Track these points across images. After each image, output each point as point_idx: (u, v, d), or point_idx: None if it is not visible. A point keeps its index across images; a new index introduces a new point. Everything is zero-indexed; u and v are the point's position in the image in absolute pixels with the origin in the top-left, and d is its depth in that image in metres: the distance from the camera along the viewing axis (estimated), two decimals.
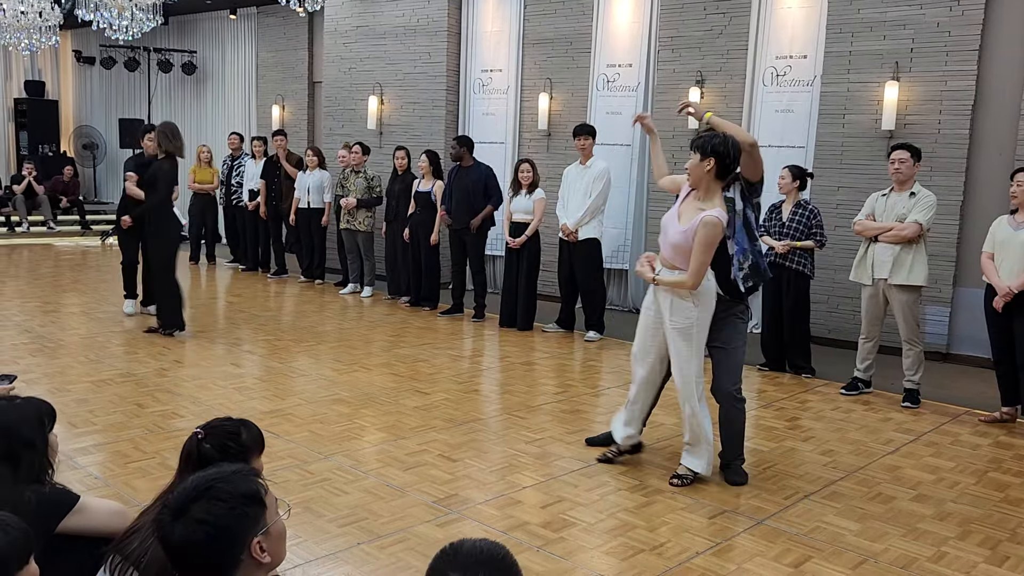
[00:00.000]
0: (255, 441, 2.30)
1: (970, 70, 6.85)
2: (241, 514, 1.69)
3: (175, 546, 1.65)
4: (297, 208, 9.89)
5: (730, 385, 4.23)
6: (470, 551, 1.44)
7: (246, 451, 2.24)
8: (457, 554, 1.44)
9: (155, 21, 9.27)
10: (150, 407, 5.02)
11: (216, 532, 1.65)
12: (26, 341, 6.54)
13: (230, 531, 1.66)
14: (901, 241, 5.63)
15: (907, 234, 5.59)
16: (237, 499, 1.69)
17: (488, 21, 9.91)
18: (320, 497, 3.79)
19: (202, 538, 1.64)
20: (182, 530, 1.64)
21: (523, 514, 3.71)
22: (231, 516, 1.67)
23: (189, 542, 1.64)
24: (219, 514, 1.66)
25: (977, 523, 3.82)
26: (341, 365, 6.25)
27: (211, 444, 2.19)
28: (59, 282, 9.37)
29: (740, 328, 4.26)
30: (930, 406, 5.75)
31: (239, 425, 2.29)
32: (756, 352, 6.80)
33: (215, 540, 1.65)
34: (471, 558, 1.43)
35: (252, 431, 2.31)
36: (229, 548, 1.67)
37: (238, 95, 13.55)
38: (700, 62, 8.23)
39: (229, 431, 2.25)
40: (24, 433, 2.28)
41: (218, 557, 1.66)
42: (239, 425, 2.29)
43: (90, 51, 15.55)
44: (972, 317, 6.59)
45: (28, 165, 13.65)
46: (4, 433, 2.25)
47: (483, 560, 1.43)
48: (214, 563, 1.66)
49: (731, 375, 4.24)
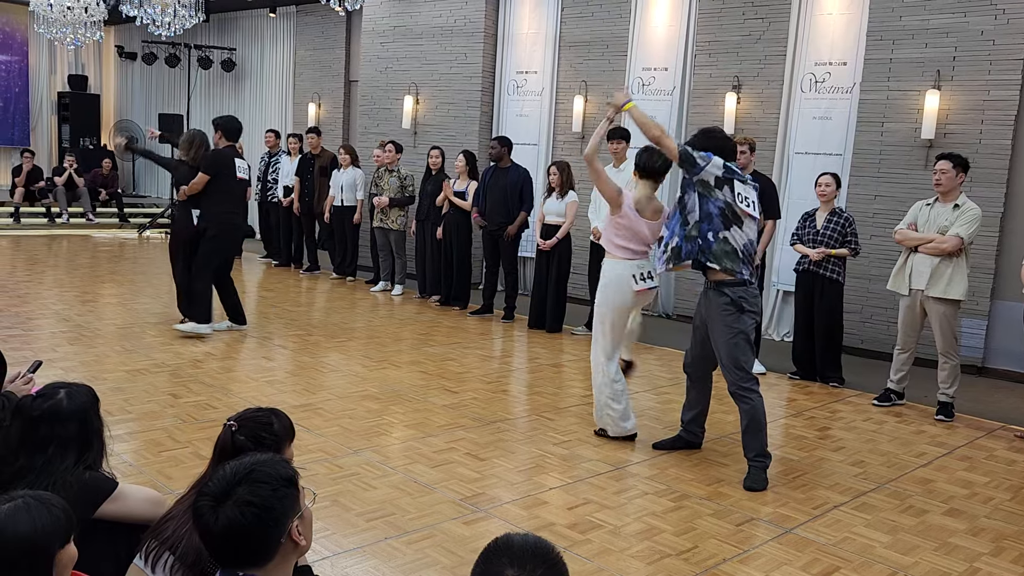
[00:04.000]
0: (287, 430, 2.33)
1: (1014, 80, 6.73)
2: (284, 495, 1.73)
3: (220, 530, 1.68)
4: (331, 205, 9.98)
5: (733, 381, 4.26)
6: (523, 545, 1.45)
7: (279, 440, 2.28)
8: (511, 548, 1.45)
9: (197, 18, 9.43)
10: (184, 397, 5.10)
11: (263, 513, 1.69)
12: (64, 330, 6.67)
13: (274, 512, 1.70)
14: (941, 254, 5.53)
15: (947, 247, 5.49)
16: (279, 481, 1.74)
17: (525, 23, 9.93)
18: (349, 491, 3.82)
19: (250, 520, 1.67)
20: (230, 513, 1.67)
21: (549, 515, 3.72)
22: (275, 498, 1.71)
23: (237, 524, 1.67)
24: (265, 495, 1.70)
25: (1011, 539, 3.75)
26: (371, 361, 6.29)
27: (245, 435, 2.22)
28: (96, 273, 9.54)
29: (728, 321, 4.24)
30: (964, 420, 5.66)
31: (270, 415, 2.32)
32: (787, 361, 6.74)
33: (261, 521, 1.68)
34: (526, 552, 1.44)
35: (283, 420, 2.34)
36: (274, 529, 1.71)
37: (275, 92, 13.70)
38: (737, 67, 8.18)
39: (262, 421, 2.28)
40: (93, 418, 2.34)
41: (262, 539, 1.70)
42: (270, 415, 2.32)
43: (132, 47, 15.82)
44: (1010, 330, 6.49)
45: (69, 158, 13.91)
46: (80, 417, 2.30)
47: (538, 554, 1.44)
48: (258, 546, 1.70)
49: (729, 372, 4.27)
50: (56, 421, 2.27)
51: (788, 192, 7.90)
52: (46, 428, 2.25)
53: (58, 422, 2.27)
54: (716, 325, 4.30)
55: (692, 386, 4.68)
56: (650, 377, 6.37)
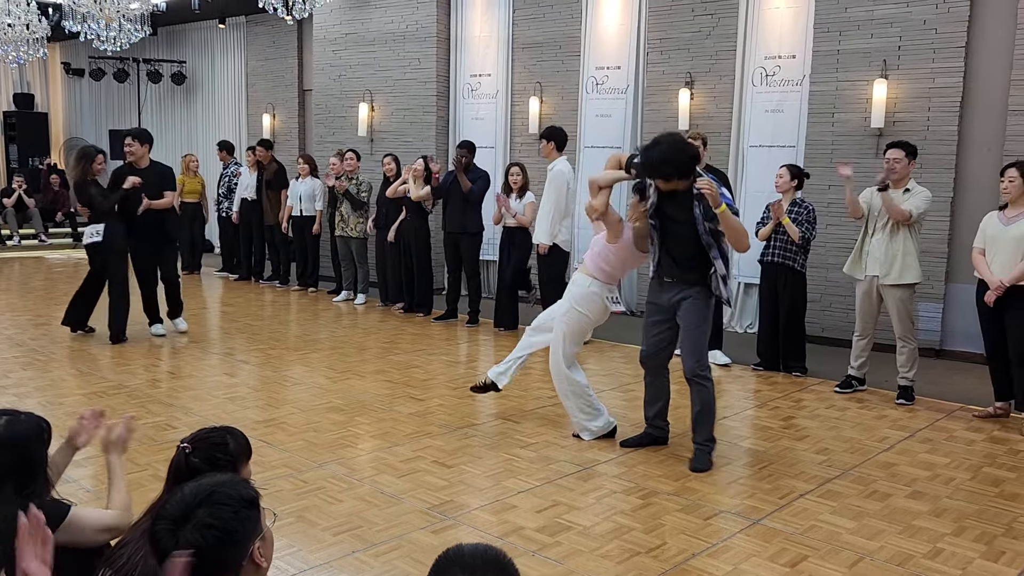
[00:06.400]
0: (243, 448, 2.27)
1: (957, 67, 6.87)
2: (245, 517, 1.69)
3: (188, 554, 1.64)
4: (290, 216, 9.88)
5: (692, 364, 4.38)
6: (473, 553, 1.46)
7: (235, 459, 2.21)
8: (462, 556, 1.46)
9: (143, 32, 9.25)
10: (143, 419, 5.00)
11: (224, 536, 1.65)
12: (17, 355, 6.51)
13: (236, 535, 1.67)
14: (891, 211, 5.56)
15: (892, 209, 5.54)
16: (240, 503, 1.70)
17: (476, 26, 9.92)
18: (314, 506, 3.77)
19: (212, 543, 1.63)
20: (190, 536, 1.63)
21: (519, 519, 3.70)
22: (236, 520, 1.67)
23: (197, 548, 1.63)
24: (226, 518, 1.66)
25: (973, 519, 3.82)
26: (335, 373, 6.23)
27: (199, 457, 2.15)
28: (51, 295, 9.33)
29: (699, 307, 4.36)
30: (924, 403, 5.76)
31: (225, 434, 2.25)
32: (750, 352, 6.81)
33: (223, 544, 1.65)
34: (476, 559, 1.45)
35: (239, 439, 2.27)
36: (235, 552, 1.67)
37: (228, 104, 13.53)
38: (689, 63, 8.24)
39: (216, 442, 2.21)
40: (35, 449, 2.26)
41: (224, 562, 1.66)
42: (225, 434, 2.25)
43: (79, 63, 15.51)
44: (965, 313, 6.61)
45: (18, 178, 13.61)
46: (17, 446, 2.22)
47: (489, 560, 1.45)
48: (219, 569, 1.65)
49: (692, 358, 4.38)
50: None
51: (744, 186, 7.98)
52: None
53: None
54: (682, 309, 4.39)
55: (652, 381, 4.70)
56: (616, 375, 6.39)
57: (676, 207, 4.34)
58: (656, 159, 4.16)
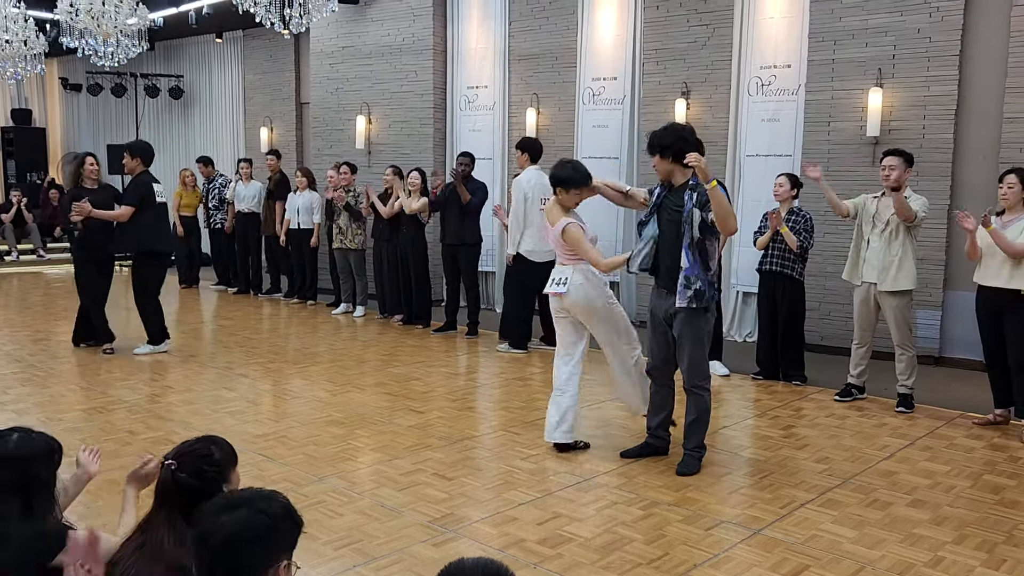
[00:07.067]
0: (229, 457, 2.23)
1: (952, 75, 6.91)
2: (290, 527, 1.74)
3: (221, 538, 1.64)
4: (287, 229, 9.89)
5: (691, 377, 4.46)
6: (474, 567, 1.49)
7: (222, 468, 2.18)
8: (463, 570, 1.48)
9: (141, 47, 9.27)
10: (142, 434, 4.99)
11: (271, 527, 1.68)
12: (16, 371, 6.50)
13: (278, 533, 1.70)
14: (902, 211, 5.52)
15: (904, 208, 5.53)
16: (290, 514, 1.75)
17: (473, 38, 9.96)
18: (315, 520, 3.76)
19: (259, 528, 1.66)
20: (241, 516, 1.65)
21: (519, 531, 3.70)
22: (284, 522, 1.72)
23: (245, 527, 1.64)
24: (275, 514, 1.71)
25: (973, 527, 3.82)
26: (334, 386, 6.23)
27: (186, 472, 2.12)
28: (50, 310, 9.33)
29: (692, 324, 4.39)
30: (924, 410, 5.76)
31: (208, 444, 2.22)
32: (749, 362, 6.81)
33: (266, 534, 1.67)
34: (477, 572, 1.47)
35: (223, 447, 2.24)
36: (270, 551, 1.69)
37: (226, 118, 13.56)
38: (685, 73, 8.27)
39: (201, 453, 2.18)
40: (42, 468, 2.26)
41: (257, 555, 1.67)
42: (208, 444, 2.22)
43: (77, 78, 15.55)
44: (963, 320, 6.62)
45: (15, 193, 13.62)
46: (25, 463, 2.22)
47: (490, 574, 1.48)
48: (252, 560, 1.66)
49: (689, 370, 4.45)
50: None
51: (741, 195, 8.00)
52: None
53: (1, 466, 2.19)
54: (684, 331, 4.41)
55: (657, 390, 4.71)
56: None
57: (673, 202, 4.41)
58: (656, 133, 4.50)
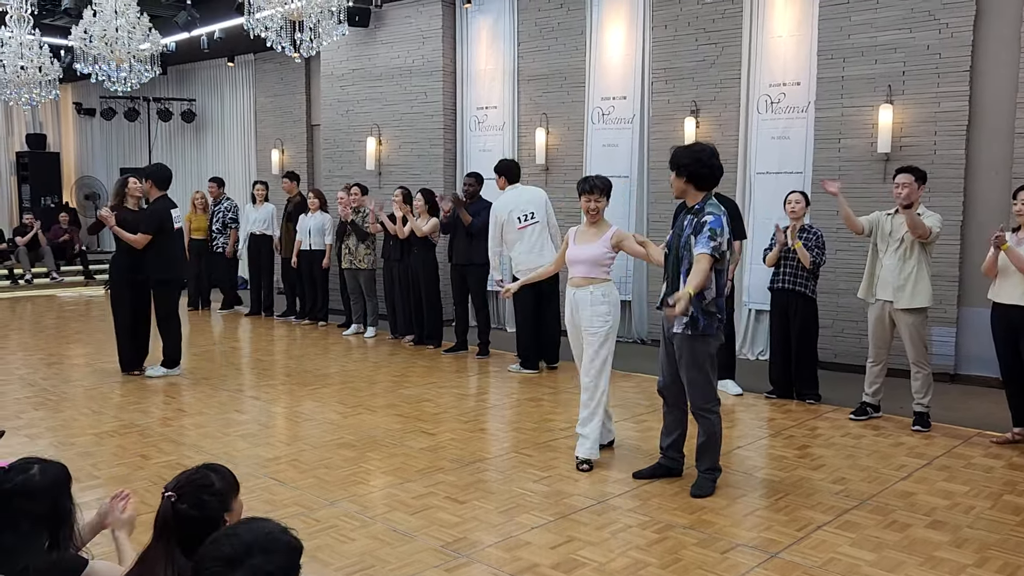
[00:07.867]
0: (230, 485, 2.18)
1: (962, 91, 6.88)
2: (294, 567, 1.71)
3: None
4: (299, 250, 9.91)
5: (697, 401, 4.45)
6: None
7: (224, 497, 2.13)
8: None
9: (153, 72, 9.37)
10: (154, 458, 4.99)
11: None
12: (29, 395, 6.52)
13: None
14: (916, 228, 5.47)
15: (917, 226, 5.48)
16: (292, 552, 1.72)
17: (482, 59, 10.01)
18: (327, 545, 3.74)
19: None
20: None
21: (533, 555, 3.66)
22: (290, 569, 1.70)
23: None
24: (282, 565, 1.68)
25: (995, 548, 3.75)
26: (346, 408, 6.21)
27: (187, 503, 2.07)
28: (63, 333, 9.37)
29: (690, 349, 4.37)
30: (941, 429, 5.69)
31: (208, 473, 2.16)
32: (762, 380, 6.75)
33: None
34: None
35: (224, 475, 2.18)
36: None
37: (238, 140, 13.68)
38: (694, 92, 8.28)
39: (201, 483, 2.12)
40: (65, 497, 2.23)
41: None
42: (208, 473, 2.16)
43: (90, 103, 15.73)
44: (978, 336, 6.55)
45: (28, 216, 13.74)
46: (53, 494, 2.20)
47: None
48: None
49: (694, 394, 4.44)
50: (29, 497, 2.16)
51: (752, 213, 7.98)
52: (18, 503, 2.14)
53: (31, 498, 2.16)
54: (684, 355, 4.41)
55: (669, 411, 4.67)
56: (628, 405, 6.34)
57: (680, 223, 4.48)
58: (677, 150, 4.53)
